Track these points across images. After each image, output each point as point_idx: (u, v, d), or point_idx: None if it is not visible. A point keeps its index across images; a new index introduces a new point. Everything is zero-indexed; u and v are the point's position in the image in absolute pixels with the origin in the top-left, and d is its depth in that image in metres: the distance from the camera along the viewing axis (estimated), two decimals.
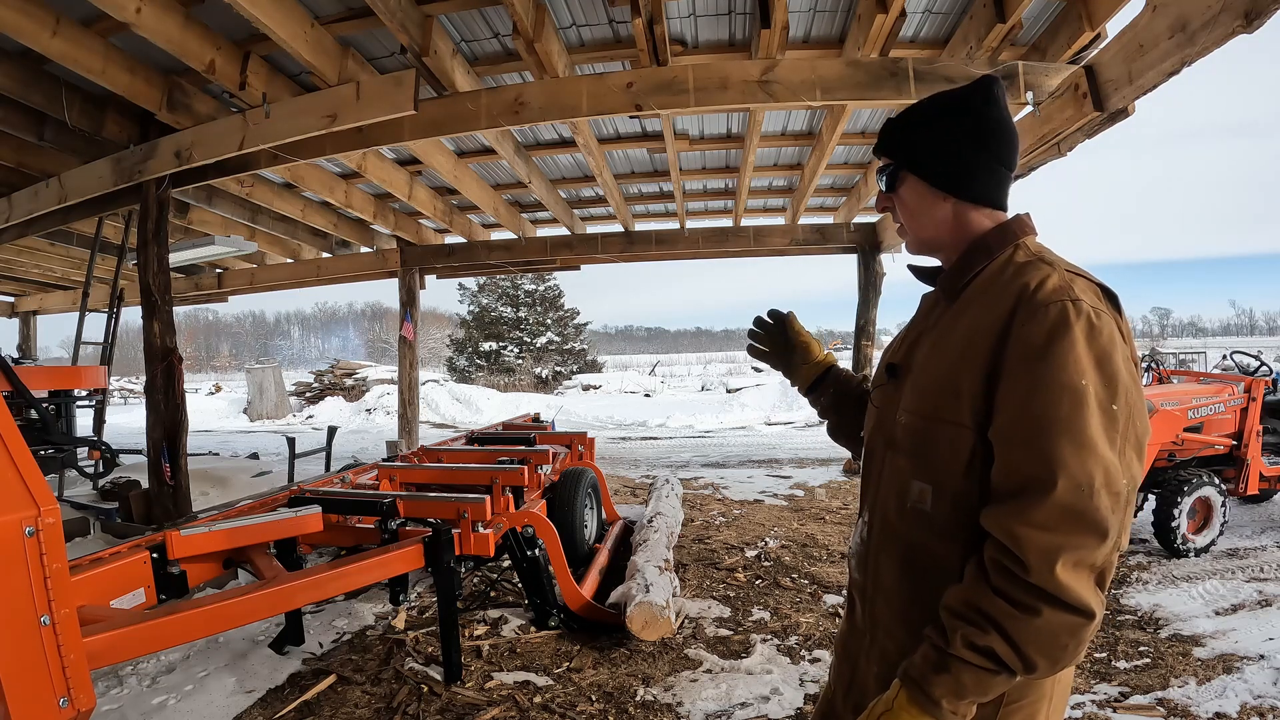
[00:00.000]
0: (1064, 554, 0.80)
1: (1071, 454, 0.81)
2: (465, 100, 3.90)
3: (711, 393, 21.14)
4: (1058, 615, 0.80)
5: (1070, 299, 0.87)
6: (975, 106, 1.03)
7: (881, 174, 1.11)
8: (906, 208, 1.08)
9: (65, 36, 3.37)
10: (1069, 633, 0.81)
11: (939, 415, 0.96)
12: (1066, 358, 0.84)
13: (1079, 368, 0.84)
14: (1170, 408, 4.22)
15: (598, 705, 2.59)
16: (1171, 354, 19.94)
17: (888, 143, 1.10)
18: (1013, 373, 0.87)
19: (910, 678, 0.88)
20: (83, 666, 1.52)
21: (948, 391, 0.95)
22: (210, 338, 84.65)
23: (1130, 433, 0.85)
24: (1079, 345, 0.84)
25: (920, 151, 1.05)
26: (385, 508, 3.00)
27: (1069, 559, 0.80)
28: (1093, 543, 0.80)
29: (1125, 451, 0.84)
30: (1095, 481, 0.81)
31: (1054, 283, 0.90)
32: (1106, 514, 0.81)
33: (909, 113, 1.09)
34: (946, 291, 1.05)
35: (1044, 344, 0.85)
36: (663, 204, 7.79)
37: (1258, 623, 3.18)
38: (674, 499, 5.21)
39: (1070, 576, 0.80)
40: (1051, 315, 0.86)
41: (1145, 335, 79.49)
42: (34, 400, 5.03)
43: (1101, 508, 0.81)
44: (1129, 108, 3.40)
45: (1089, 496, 0.81)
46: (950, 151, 1.03)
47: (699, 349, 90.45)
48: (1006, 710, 0.92)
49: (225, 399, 20.85)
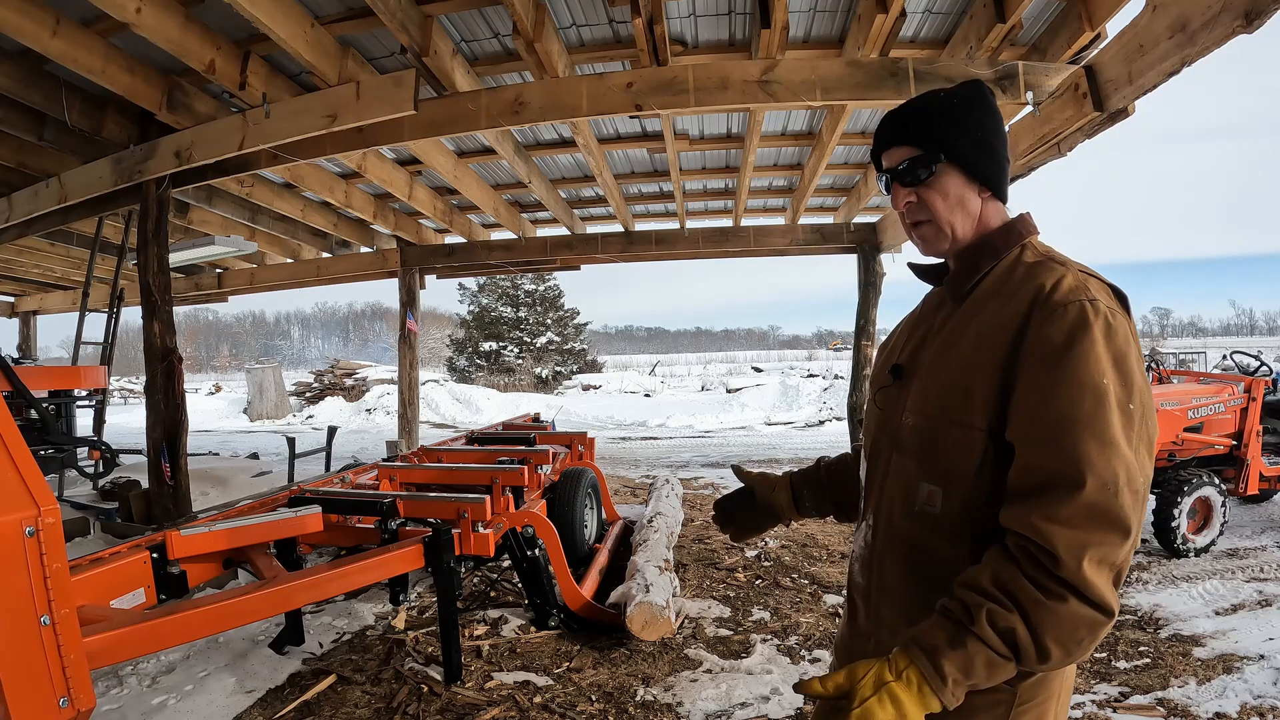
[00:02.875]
0: (1090, 550, 0.80)
1: (1097, 453, 0.82)
2: (465, 100, 3.90)
3: (711, 393, 21.16)
4: (1082, 608, 0.80)
5: (1088, 299, 0.87)
6: (992, 104, 1.04)
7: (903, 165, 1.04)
8: (945, 201, 1.02)
9: (65, 36, 3.37)
10: (1088, 627, 0.81)
11: (948, 416, 0.95)
12: (1088, 357, 0.84)
13: (1100, 367, 0.84)
14: (1170, 408, 4.22)
15: (598, 705, 2.59)
16: (1171, 354, 19.94)
17: (919, 131, 1.03)
18: (1032, 373, 0.87)
19: (922, 648, 0.84)
20: (83, 666, 1.52)
21: (957, 392, 0.95)
22: (210, 338, 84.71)
23: (1144, 432, 0.86)
24: (1099, 344, 0.85)
25: (964, 142, 1.01)
26: (385, 508, 3.00)
27: (1094, 555, 0.80)
28: (1116, 540, 0.81)
29: (1140, 450, 0.85)
30: (1119, 480, 0.81)
31: (1070, 283, 0.90)
32: (1129, 512, 0.81)
33: (935, 102, 1.04)
34: (954, 293, 1.05)
35: (1064, 343, 0.85)
36: (663, 204, 7.79)
37: (1258, 623, 3.18)
38: (674, 499, 5.21)
39: (1095, 573, 0.80)
40: (1071, 315, 0.86)
41: (1145, 335, 79.45)
42: (34, 400, 5.03)
43: (1125, 506, 0.81)
44: (1129, 108, 3.40)
45: (1114, 495, 0.81)
46: (990, 143, 1.03)
47: (699, 349, 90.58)
48: (1019, 711, 0.92)
49: (225, 399, 20.86)
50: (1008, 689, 0.92)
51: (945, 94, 1.05)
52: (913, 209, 1.05)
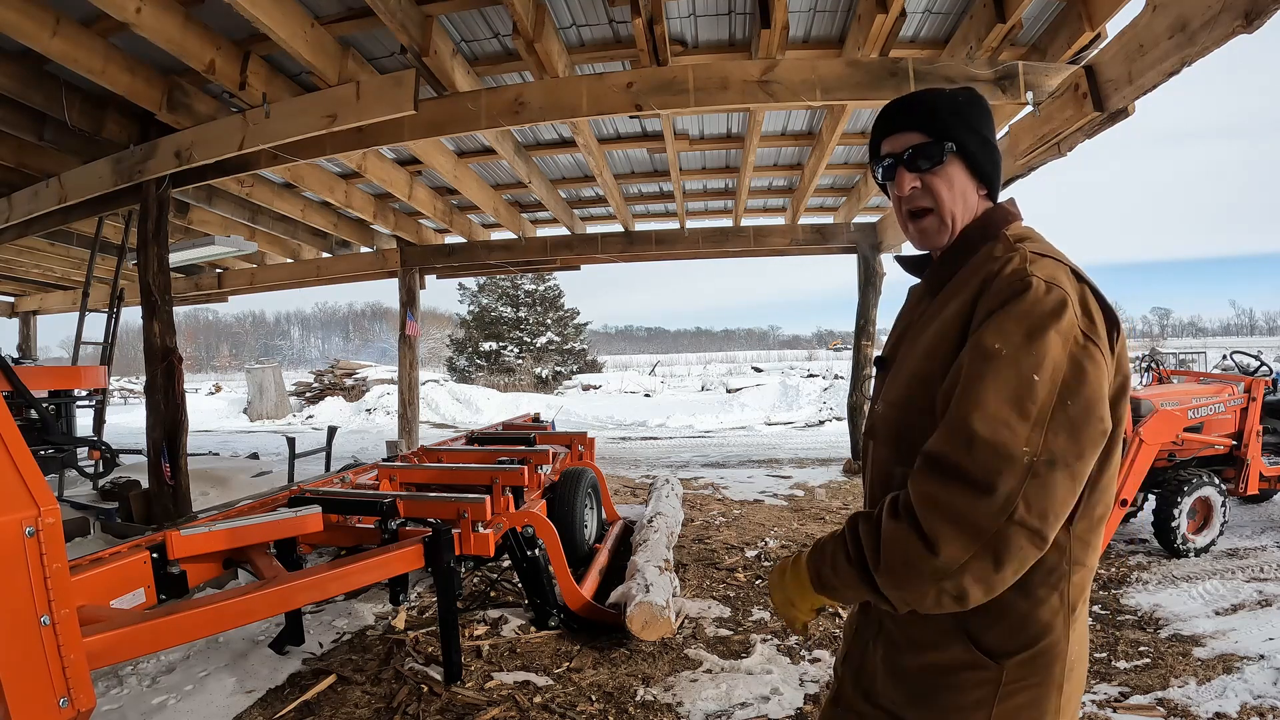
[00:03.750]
0: (927, 495, 0.84)
1: (957, 409, 0.85)
2: (465, 100, 3.90)
3: (711, 393, 21.15)
4: (911, 538, 0.84)
5: (1021, 278, 0.89)
6: (990, 109, 1.08)
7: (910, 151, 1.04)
8: (952, 188, 1.03)
9: (65, 36, 3.37)
10: (908, 558, 0.84)
11: (913, 404, 0.98)
12: (995, 325, 0.86)
13: (1000, 333, 0.85)
14: (1170, 408, 4.22)
15: (598, 705, 2.59)
16: (1171, 354, 19.95)
17: (928, 120, 1.04)
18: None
19: (817, 544, 1.02)
20: (83, 666, 1.52)
21: (921, 380, 0.97)
22: (210, 338, 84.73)
23: (1060, 411, 0.82)
24: (1011, 314, 0.86)
25: (976, 138, 1.04)
26: (385, 508, 3.00)
27: (929, 500, 0.83)
28: (964, 495, 0.81)
29: (1048, 425, 0.82)
30: (976, 437, 0.81)
31: (1013, 266, 0.92)
32: (988, 470, 0.80)
33: (942, 96, 1.05)
34: (930, 285, 1.07)
35: (986, 315, 0.89)
36: (663, 204, 7.79)
37: (1258, 623, 3.18)
38: (674, 499, 5.21)
39: (929, 515, 0.83)
40: (1003, 290, 0.89)
41: (1145, 335, 79.55)
42: (34, 400, 5.03)
43: (981, 463, 0.81)
44: (1129, 108, 3.40)
45: (965, 451, 0.82)
46: (990, 145, 1.06)
47: (699, 349, 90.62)
48: (1007, 690, 0.91)
49: (225, 399, 20.86)
50: (994, 666, 0.91)
51: (950, 91, 1.07)
52: (916, 195, 1.05)
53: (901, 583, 0.86)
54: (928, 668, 0.97)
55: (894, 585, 0.87)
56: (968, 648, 0.93)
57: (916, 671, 0.98)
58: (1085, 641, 0.99)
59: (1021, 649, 0.91)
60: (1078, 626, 0.95)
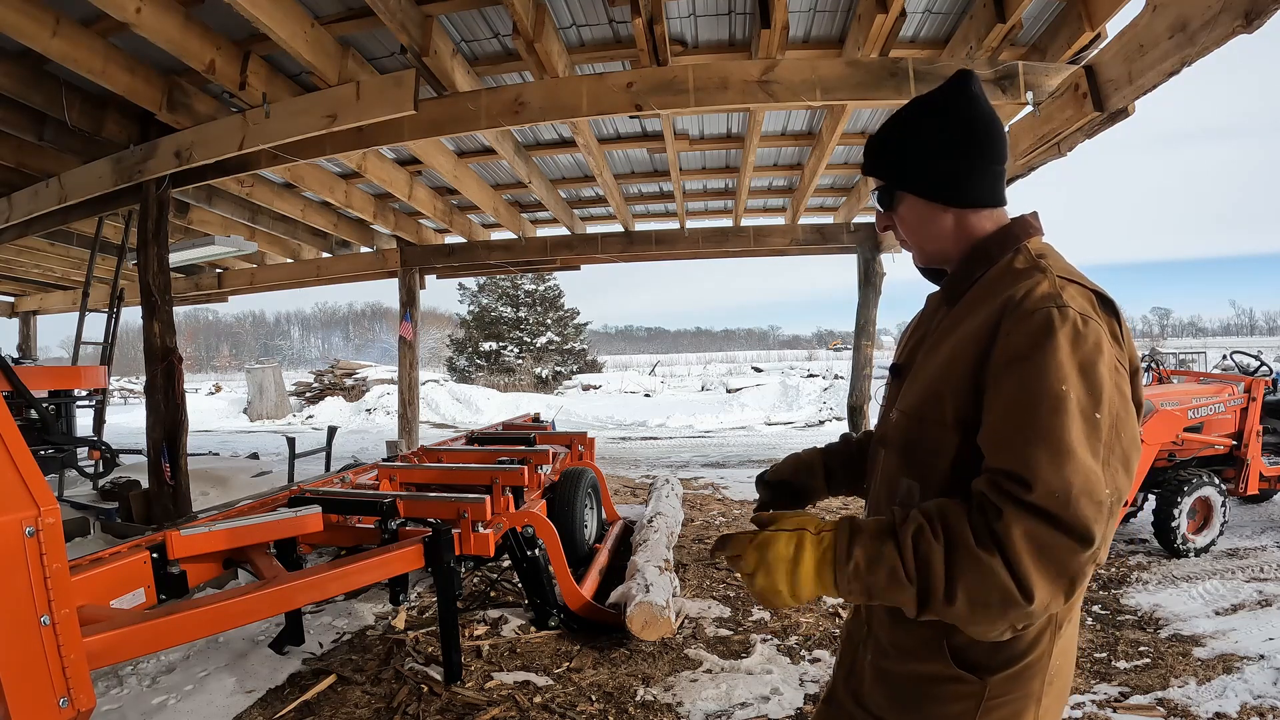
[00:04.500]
0: (1037, 545, 0.78)
1: (1047, 461, 0.80)
2: (465, 100, 3.90)
3: (711, 393, 21.15)
4: (1004, 576, 0.78)
5: (1056, 305, 0.86)
6: (956, 108, 1.01)
7: (875, 195, 1.10)
8: (908, 226, 1.07)
9: (65, 36, 3.37)
10: (1001, 598, 0.79)
11: (927, 415, 0.97)
12: (1048, 364, 0.83)
13: (1060, 374, 0.82)
14: (1170, 408, 4.22)
15: (598, 705, 2.59)
16: (1171, 354, 19.95)
17: (875, 163, 1.08)
18: (997, 379, 0.87)
19: (853, 527, 0.87)
20: (83, 666, 1.52)
21: (935, 393, 0.96)
22: (210, 338, 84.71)
23: (1116, 445, 0.83)
24: (1062, 351, 0.83)
25: (911, 168, 1.03)
26: (385, 508, 3.00)
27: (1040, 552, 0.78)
28: (1067, 545, 0.79)
29: (1110, 462, 0.82)
30: (1073, 489, 0.79)
31: (1043, 289, 0.89)
32: (1088, 521, 0.79)
33: (890, 128, 1.07)
34: (948, 296, 1.06)
35: (1027, 350, 0.85)
36: (663, 204, 7.79)
37: (1258, 623, 3.18)
38: (674, 499, 5.21)
39: (1033, 567, 0.78)
40: (1036, 321, 0.85)
41: (1145, 335, 79.53)
42: (34, 400, 5.03)
43: (1081, 515, 0.79)
44: (1129, 108, 3.40)
45: (1064, 504, 0.79)
46: (941, 162, 1.01)
47: (699, 349, 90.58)
48: (989, 704, 0.91)
49: (225, 399, 20.86)
50: (977, 681, 0.91)
51: (902, 114, 1.07)
52: (894, 232, 1.12)
53: (980, 618, 0.81)
54: (913, 676, 0.97)
55: (970, 620, 0.82)
56: (949, 664, 0.93)
57: (902, 679, 0.99)
58: (1070, 652, 0.98)
59: (1006, 665, 0.91)
60: (1062, 640, 0.94)
